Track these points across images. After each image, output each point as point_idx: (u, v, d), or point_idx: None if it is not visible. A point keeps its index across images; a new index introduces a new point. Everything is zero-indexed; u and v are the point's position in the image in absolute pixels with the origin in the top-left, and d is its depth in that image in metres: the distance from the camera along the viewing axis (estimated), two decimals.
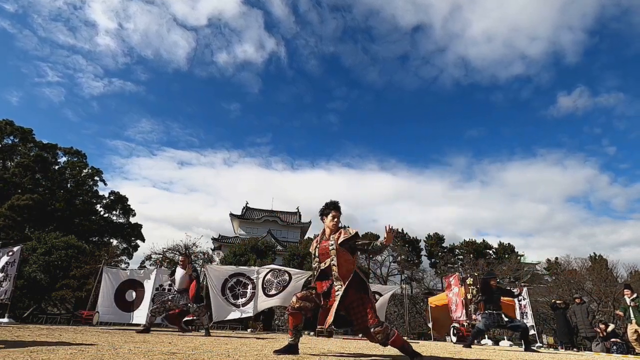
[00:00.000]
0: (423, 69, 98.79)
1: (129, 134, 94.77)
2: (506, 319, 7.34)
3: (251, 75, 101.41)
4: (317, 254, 3.32)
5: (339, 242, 3.18)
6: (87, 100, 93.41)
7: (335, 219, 3.33)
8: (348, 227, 3.35)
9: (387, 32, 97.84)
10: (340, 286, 3.07)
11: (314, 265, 3.38)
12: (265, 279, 10.98)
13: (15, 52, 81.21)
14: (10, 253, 10.42)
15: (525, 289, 14.06)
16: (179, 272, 6.98)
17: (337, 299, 3.01)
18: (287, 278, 11.00)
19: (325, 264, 3.23)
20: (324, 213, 3.40)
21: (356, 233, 3.23)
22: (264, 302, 10.81)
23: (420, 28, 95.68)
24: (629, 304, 8.78)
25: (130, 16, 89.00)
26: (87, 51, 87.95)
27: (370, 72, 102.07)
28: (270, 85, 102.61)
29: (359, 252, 3.41)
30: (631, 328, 8.65)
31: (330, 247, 3.20)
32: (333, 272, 3.14)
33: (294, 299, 3.16)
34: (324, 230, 3.40)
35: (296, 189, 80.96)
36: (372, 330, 2.95)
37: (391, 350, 4.54)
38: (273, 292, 10.89)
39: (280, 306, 12.41)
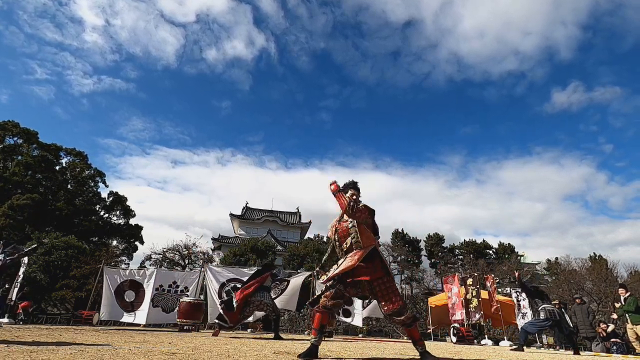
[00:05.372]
0: (415, 65, 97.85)
1: (121, 132, 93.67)
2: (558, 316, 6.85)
3: (241, 72, 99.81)
4: (337, 238, 3.20)
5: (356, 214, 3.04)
6: (77, 98, 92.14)
7: (354, 198, 3.20)
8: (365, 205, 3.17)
9: (377, 27, 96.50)
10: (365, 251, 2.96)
11: (335, 251, 3.23)
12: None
13: (2, 48, 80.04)
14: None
15: None
16: None
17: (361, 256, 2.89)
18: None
19: (346, 244, 3.12)
20: (343, 191, 3.23)
21: (372, 210, 3.15)
22: None
23: (411, 23, 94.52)
24: (623, 303, 8.81)
25: (117, 12, 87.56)
26: (75, 48, 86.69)
27: (362, 68, 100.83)
28: (261, 82, 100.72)
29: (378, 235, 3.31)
30: (630, 327, 8.65)
31: (350, 225, 3.11)
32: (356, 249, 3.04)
33: (324, 298, 2.99)
34: (342, 213, 3.23)
35: (293, 188, 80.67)
36: (399, 316, 2.84)
37: (392, 351, 4.55)
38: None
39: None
